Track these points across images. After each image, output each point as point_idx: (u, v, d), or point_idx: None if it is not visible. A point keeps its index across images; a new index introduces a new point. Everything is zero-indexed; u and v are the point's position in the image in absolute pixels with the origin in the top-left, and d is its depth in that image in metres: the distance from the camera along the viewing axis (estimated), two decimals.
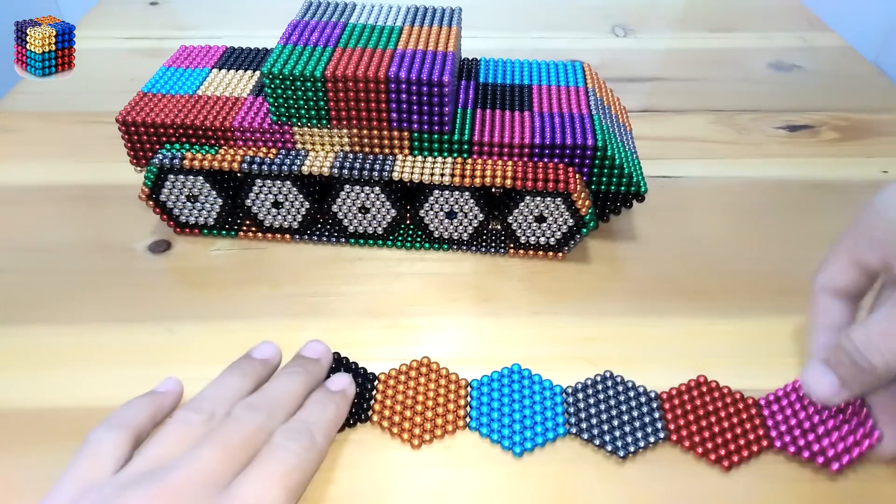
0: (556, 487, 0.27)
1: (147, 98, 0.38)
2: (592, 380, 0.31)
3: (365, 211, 0.37)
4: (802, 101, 0.53)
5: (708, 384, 0.30)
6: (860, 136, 0.49)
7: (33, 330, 0.33)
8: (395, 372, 0.31)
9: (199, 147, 0.37)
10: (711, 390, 0.30)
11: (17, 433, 0.29)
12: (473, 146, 0.36)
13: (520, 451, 0.28)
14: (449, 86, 0.34)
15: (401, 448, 0.28)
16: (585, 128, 0.36)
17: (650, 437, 0.28)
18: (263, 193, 0.37)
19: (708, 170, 0.45)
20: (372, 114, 0.35)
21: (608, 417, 0.29)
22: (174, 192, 0.37)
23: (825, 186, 0.44)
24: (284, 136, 0.37)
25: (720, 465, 0.27)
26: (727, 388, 0.30)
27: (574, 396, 0.30)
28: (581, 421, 0.29)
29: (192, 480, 0.23)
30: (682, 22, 0.66)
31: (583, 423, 0.29)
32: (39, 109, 0.51)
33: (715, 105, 0.52)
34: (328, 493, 0.27)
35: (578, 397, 0.30)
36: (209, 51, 0.44)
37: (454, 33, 0.38)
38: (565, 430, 0.29)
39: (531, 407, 0.30)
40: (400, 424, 0.29)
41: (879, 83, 0.56)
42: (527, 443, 0.28)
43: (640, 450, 0.28)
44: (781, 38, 0.62)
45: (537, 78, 0.41)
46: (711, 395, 0.30)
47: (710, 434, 0.28)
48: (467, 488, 0.27)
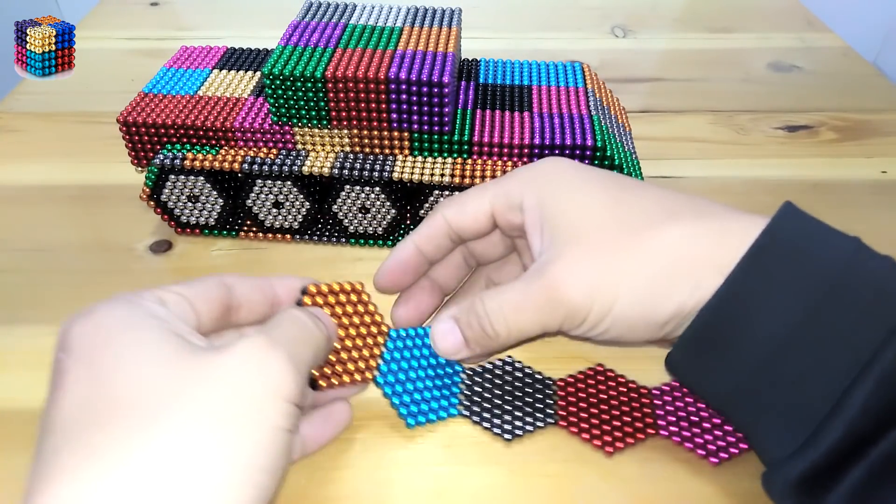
0: (556, 487, 0.27)
1: (148, 98, 0.38)
2: (493, 364, 0.31)
3: (365, 211, 0.37)
4: (802, 101, 0.53)
5: (605, 373, 0.31)
6: (859, 137, 0.49)
7: (33, 330, 0.33)
8: (326, 288, 0.27)
9: (200, 147, 0.37)
10: (608, 379, 0.31)
11: (17, 433, 0.29)
12: (473, 146, 0.36)
13: (413, 423, 0.28)
14: (449, 86, 0.34)
15: (401, 448, 0.28)
16: (585, 128, 0.36)
17: (538, 422, 0.29)
18: (264, 194, 0.37)
19: (707, 170, 0.45)
20: (372, 114, 0.35)
21: (501, 402, 0.29)
22: (175, 193, 0.37)
23: (824, 187, 0.44)
24: (285, 136, 0.37)
25: (604, 450, 0.28)
26: (623, 378, 0.31)
27: (472, 379, 0.30)
28: (474, 403, 0.29)
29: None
30: (681, 22, 0.66)
31: (475, 406, 0.29)
32: (39, 109, 0.51)
33: (714, 105, 0.52)
34: (328, 493, 0.27)
35: (476, 381, 0.30)
36: (210, 51, 0.44)
37: (454, 34, 0.38)
38: (457, 412, 0.29)
39: (432, 380, 0.29)
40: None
41: (879, 83, 0.56)
42: (420, 416, 0.28)
43: (527, 433, 0.28)
44: (781, 39, 0.62)
45: (537, 78, 0.41)
46: (607, 383, 0.30)
47: (599, 420, 0.29)
48: (467, 488, 0.27)
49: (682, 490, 0.27)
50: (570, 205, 0.26)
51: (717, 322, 0.24)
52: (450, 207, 0.29)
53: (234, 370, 0.20)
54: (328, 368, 0.26)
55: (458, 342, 0.27)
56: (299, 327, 0.23)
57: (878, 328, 0.22)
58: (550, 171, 0.28)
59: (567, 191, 0.27)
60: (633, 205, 0.26)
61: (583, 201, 0.26)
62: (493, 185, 0.29)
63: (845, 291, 0.23)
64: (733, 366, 0.24)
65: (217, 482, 0.18)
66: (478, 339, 0.26)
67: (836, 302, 0.23)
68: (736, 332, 0.24)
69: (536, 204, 0.27)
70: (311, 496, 0.27)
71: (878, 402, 0.21)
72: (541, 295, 0.25)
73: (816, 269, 0.23)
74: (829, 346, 0.22)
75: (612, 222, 0.26)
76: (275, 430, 0.20)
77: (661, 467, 0.28)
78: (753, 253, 0.23)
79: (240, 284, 0.26)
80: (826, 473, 0.22)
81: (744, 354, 0.24)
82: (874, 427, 0.21)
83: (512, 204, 0.28)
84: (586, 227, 0.26)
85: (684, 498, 0.27)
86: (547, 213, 0.27)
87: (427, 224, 0.29)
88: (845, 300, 0.22)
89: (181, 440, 0.18)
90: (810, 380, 0.23)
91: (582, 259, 0.25)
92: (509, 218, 0.28)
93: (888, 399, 0.21)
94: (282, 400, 0.20)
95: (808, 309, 0.23)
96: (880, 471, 0.21)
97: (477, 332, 0.26)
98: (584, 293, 0.24)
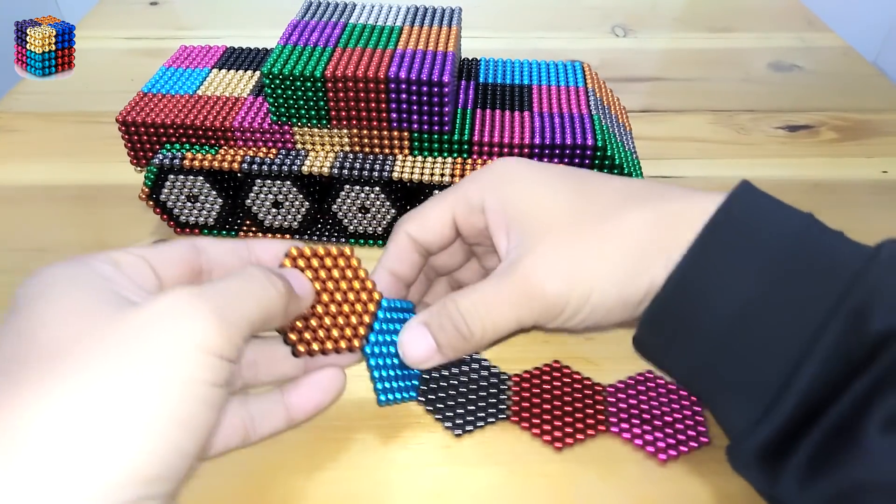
0: (556, 487, 0.27)
1: (147, 98, 0.38)
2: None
3: (365, 211, 0.37)
4: (802, 101, 0.53)
5: (561, 369, 0.31)
6: (860, 137, 0.49)
7: None
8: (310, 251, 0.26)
9: (200, 147, 0.37)
10: (563, 375, 0.31)
11: None
12: (473, 146, 0.36)
13: (384, 399, 0.27)
14: (449, 86, 0.34)
15: (401, 448, 0.28)
16: (585, 128, 0.36)
17: (490, 417, 0.29)
18: (263, 193, 0.37)
19: (707, 170, 0.45)
20: (372, 114, 0.35)
21: (456, 394, 0.29)
22: (174, 192, 0.37)
23: (824, 186, 0.44)
24: (284, 136, 0.37)
25: (553, 445, 0.28)
26: (578, 375, 0.31)
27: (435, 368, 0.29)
28: (430, 391, 0.29)
29: None
30: (681, 22, 0.66)
31: (431, 395, 0.29)
32: (39, 109, 0.51)
33: (714, 105, 0.52)
34: (328, 493, 0.27)
35: (434, 370, 0.29)
36: (209, 51, 0.44)
37: (454, 33, 0.38)
38: (415, 395, 0.29)
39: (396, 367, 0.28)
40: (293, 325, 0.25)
41: (879, 83, 0.56)
42: (388, 393, 0.27)
43: (478, 429, 0.28)
44: (781, 38, 0.62)
45: (537, 78, 0.41)
46: (562, 379, 0.30)
47: (551, 416, 0.29)
48: (467, 488, 0.27)
49: (682, 490, 0.27)
50: (532, 201, 0.27)
51: (676, 300, 0.24)
52: (411, 223, 0.29)
53: (147, 322, 0.19)
54: (309, 334, 0.25)
55: (430, 348, 0.26)
56: (244, 281, 0.22)
57: (827, 299, 0.22)
58: (507, 170, 0.28)
59: (527, 187, 0.27)
60: (596, 195, 0.27)
61: (545, 196, 0.27)
62: (450, 193, 0.29)
63: (796, 264, 0.23)
64: (694, 342, 0.24)
65: (121, 430, 0.18)
66: (451, 341, 0.26)
67: (787, 276, 0.23)
68: (694, 308, 0.24)
69: (498, 204, 0.27)
70: (310, 496, 0.27)
71: (827, 372, 0.22)
72: (515, 290, 0.25)
73: (768, 245, 0.23)
74: (781, 318, 0.23)
75: (577, 213, 0.26)
76: (192, 382, 0.19)
77: (660, 467, 0.28)
78: (709, 230, 0.24)
79: (213, 247, 0.25)
80: (783, 443, 0.23)
81: (703, 331, 0.24)
82: (824, 396, 0.22)
83: (473, 208, 0.28)
84: (552, 221, 0.26)
85: (684, 498, 0.27)
86: (511, 212, 0.27)
87: (393, 244, 0.29)
88: (796, 274, 0.23)
89: (89, 387, 0.18)
90: (765, 352, 0.23)
91: (553, 251, 0.25)
92: (472, 222, 0.28)
93: (836, 368, 0.22)
94: (202, 352, 0.19)
95: (760, 283, 0.23)
96: (831, 437, 0.22)
97: (450, 333, 0.26)
98: (560, 284, 0.24)
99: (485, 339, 0.26)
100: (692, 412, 0.29)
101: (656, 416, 0.29)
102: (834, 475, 0.22)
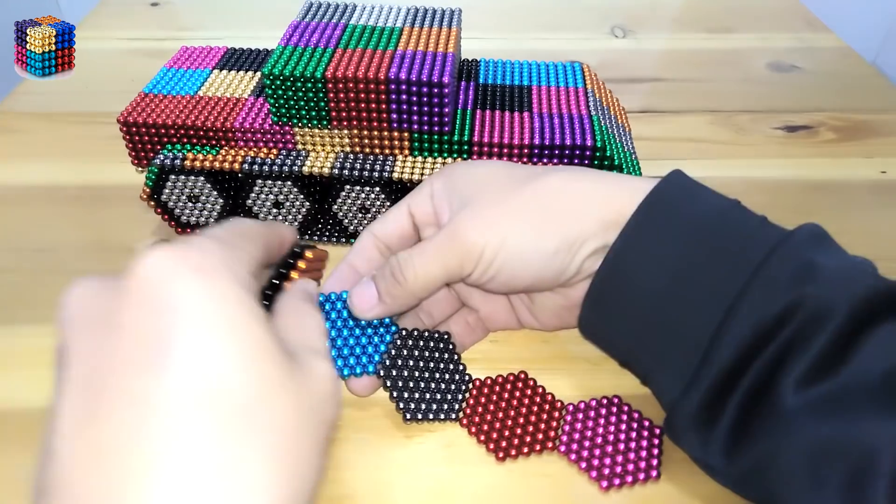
0: (556, 487, 0.27)
1: (148, 99, 0.38)
2: (422, 335, 0.30)
3: (365, 211, 0.37)
4: (801, 101, 0.53)
5: (525, 380, 0.31)
6: (859, 137, 0.49)
7: (33, 330, 0.33)
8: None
9: (200, 147, 0.37)
10: (526, 387, 0.30)
11: (17, 433, 0.29)
12: (473, 146, 0.37)
13: (347, 373, 0.28)
14: (449, 86, 0.34)
15: (401, 448, 0.29)
16: (584, 128, 0.36)
17: (441, 413, 0.29)
18: (264, 194, 0.37)
19: (706, 170, 0.45)
20: (372, 114, 0.36)
21: (417, 381, 0.29)
22: (175, 193, 0.37)
23: (824, 187, 0.44)
24: (285, 136, 0.37)
25: (495, 455, 0.28)
26: (542, 388, 0.30)
27: (404, 341, 0.29)
28: (392, 367, 0.28)
29: None
30: (680, 22, 0.66)
31: (393, 371, 0.28)
32: (40, 109, 0.51)
33: (714, 105, 0.52)
34: (328, 493, 0.27)
35: (408, 343, 0.29)
36: (210, 51, 0.44)
37: (454, 34, 0.38)
38: (375, 370, 0.28)
39: (360, 337, 0.29)
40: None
41: (878, 84, 0.56)
42: (345, 370, 0.28)
43: (427, 421, 0.29)
44: (780, 39, 0.62)
45: (537, 79, 0.41)
46: (523, 391, 0.30)
47: (500, 426, 0.29)
48: (466, 488, 0.27)
49: (682, 491, 0.27)
50: (470, 177, 0.30)
51: (611, 278, 0.26)
52: (374, 223, 0.32)
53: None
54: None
55: (373, 297, 0.28)
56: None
57: (743, 272, 0.24)
58: (454, 164, 0.32)
59: (468, 170, 0.30)
60: (532, 169, 0.30)
61: (483, 174, 0.30)
62: (408, 195, 0.31)
63: (716, 240, 0.25)
64: (627, 319, 0.27)
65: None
66: (388, 287, 0.28)
67: (710, 251, 0.25)
68: (628, 285, 0.26)
69: (442, 187, 0.30)
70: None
71: (742, 340, 0.24)
72: (442, 240, 0.28)
73: (693, 224, 0.26)
74: (701, 293, 0.25)
75: (507, 180, 0.29)
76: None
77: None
78: (641, 210, 0.26)
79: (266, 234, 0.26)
80: (709, 410, 0.25)
81: (635, 307, 0.26)
82: (744, 361, 0.24)
83: (423, 197, 0.31)
84: (484, 188, 0.29)
85: (685, 499, 0.27)
86: (452, 189, 0.30)
87: (358, 242, 0.31)
88: (714, 249, 0.25)
89: None
90: (689, 324, 0.25)
91: (479, 208, 0.28)
92: (423, 209, 0.30)
93: (750, 336, 0.24)
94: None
95: (683, 258, 0.25)
96: (748, 401, 0.24)
97: (388, 280, 0.28)
98: (478, 232, 0.27)
99: (417, 283, 0.27)
100: (648, 444, 0.28)
101: (609, 443, 0.28)
102: (755, 435, 0.23)
